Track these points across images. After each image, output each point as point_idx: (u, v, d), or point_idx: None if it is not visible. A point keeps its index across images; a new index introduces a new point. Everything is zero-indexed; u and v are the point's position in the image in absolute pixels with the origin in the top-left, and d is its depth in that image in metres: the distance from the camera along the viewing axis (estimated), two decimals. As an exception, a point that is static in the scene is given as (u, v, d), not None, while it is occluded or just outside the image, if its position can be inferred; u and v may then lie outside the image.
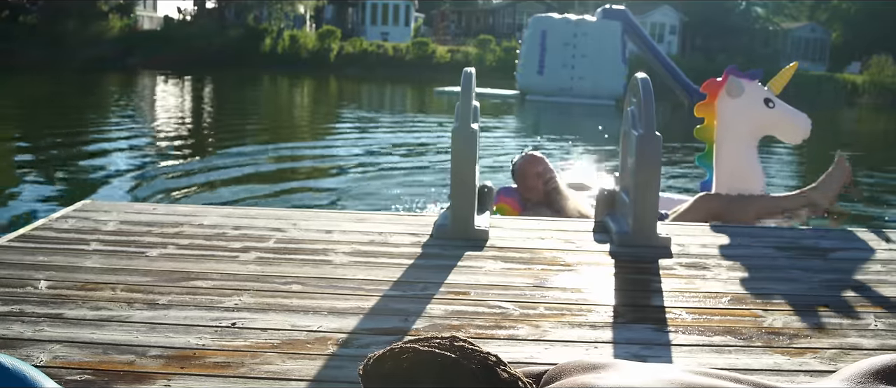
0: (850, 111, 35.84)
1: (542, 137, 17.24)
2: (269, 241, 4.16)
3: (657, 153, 4.26)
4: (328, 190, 9.97)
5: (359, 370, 1.64)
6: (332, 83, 36.46)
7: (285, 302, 3.20)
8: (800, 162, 14.89)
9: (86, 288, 3.28)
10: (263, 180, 10.14)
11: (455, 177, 4.36)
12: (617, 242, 4.32)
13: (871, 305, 3.35)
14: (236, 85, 31.22)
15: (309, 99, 29.86)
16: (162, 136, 15.64)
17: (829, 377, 1.98)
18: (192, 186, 9.71)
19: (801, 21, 55.28)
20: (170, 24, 49.51)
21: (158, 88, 30.02)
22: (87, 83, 27.89)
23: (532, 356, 2.72)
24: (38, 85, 26.51)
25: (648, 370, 1.68)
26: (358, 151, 14.22)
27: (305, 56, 44.16)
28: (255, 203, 8.45)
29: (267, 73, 37.88)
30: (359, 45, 45.80)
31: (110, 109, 20.65)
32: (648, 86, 4.42)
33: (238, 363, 2.58)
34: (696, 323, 3.10)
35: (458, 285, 3.52)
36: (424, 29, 59.71)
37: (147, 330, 2.83)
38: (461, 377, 1.53)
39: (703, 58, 44.15)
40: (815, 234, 4.68)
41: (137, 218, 4.56)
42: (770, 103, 5.29)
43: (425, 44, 46.34)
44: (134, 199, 8.77)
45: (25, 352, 2.59)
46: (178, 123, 18.43)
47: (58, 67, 31.48)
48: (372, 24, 55.17)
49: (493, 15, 61.03)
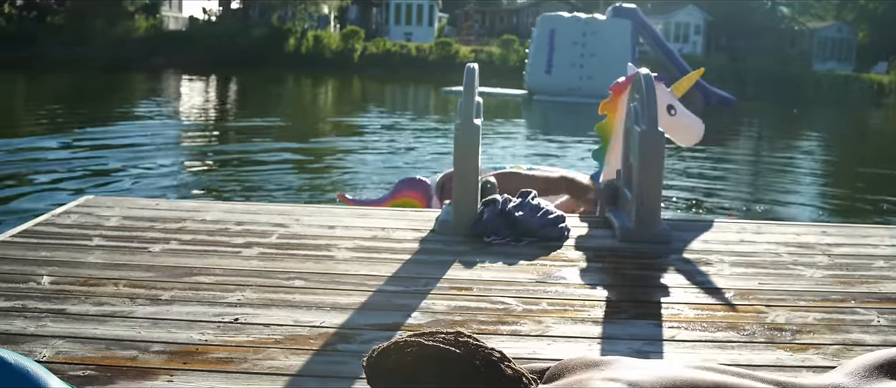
0: (877, 111, 35.55)
1: (543, 137, 17.16)
2: (272, 236, 4.16)
3: (660, 149, 4.25)
4: (336, 185, 9.98)
5: (363, 363, 1.64)
6: (355, 83, 36.51)
7: (288, 298, 3.20)
8: (825, 169, 14.77)
9: (88, 284, 3.28)
10: (276, 181, 10.11)
11: (457, 172, 4.36)
12: (619, 237, 4.32)
13: (874, 301, 3.35)
14: (259, 84, 31.39)
15: (332, 98, 29.94)
16: (179, 134, 15.72)
17: (832, 372, 1.98)
18: (210, 185, 9.70)
19: (828, 20, 54.34)
20: (195, 24, 49.91)
21: (182, 87, 30.24)
22: (112, 82, 28.06)
23: (535, 352, 2.72)
24: (61, 84, 26.72)
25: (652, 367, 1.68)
26: (374, 148, 14.29)
27: (329, 56, 44.18)
28: (270, 200, 8.49)
29: (291, 73, 37.97)
30: (382, 46, 45.77)
31: (127, 108, 20.78)
32: (651, 82, 4.42)
33: (241, 359, 2.58)
34: (699, 319, 3.10)
35: (461, 280, 3.53)
36: (448, 29, 59.53)
37: (150, 326, 2.84)
38: (465, 373, 1.53)
39: (727, 58, 43.90)
40: (817, 230, 4.67)
41: (140, 213, 4.56)
42: (672, 110, 5.28)
43: (448, 44, 46.23)
44: (161, 193, 8.80)
45: (28, 348, 2.59)
46: (196, 122, 18.57)
47: (83, 67, 31.66)
48: (396, 25, 55.03)
49: (516, 15, 60.72)
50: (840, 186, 12.11)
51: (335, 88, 33.84)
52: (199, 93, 28.60)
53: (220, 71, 35.52)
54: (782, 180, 12.43)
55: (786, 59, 44.96)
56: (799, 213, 9.55)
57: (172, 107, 22.05)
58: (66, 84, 26.54)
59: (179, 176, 10.37)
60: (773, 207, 9.87)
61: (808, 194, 11.42)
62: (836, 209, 9.90)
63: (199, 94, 28.21)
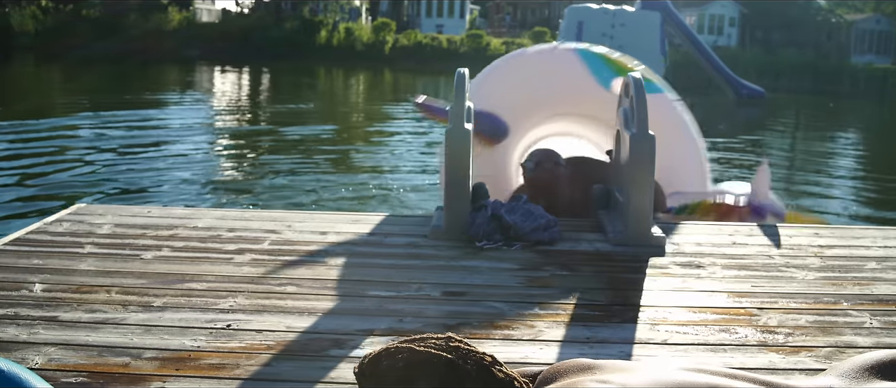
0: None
1: None
2: (264, 242, 4.15)
3: (651, 153, 4.26)
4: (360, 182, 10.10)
5: (354, 369, 1.64)
6: (386, 75, 36.61)
7: (280, 304, 3.19)
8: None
9: (81, 291, 3.28)
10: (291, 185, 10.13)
11: (449, 177, 4.36)
12: (611, 240, 4.33)
13: (867, 303, 3.36)
14: (293, 77, 31.66)
15: (364, 89, 30.19)
16: (207, 127, 16.09)
17: (824, 373, 1.99)
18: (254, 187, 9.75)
19: (866, 12, 53.48)
20: (227, 16, 50.52)
21: (215, 80, 30.75)
22: (145, 74, 28.80)
23: (527, 357, 2.72)
24: (93, 76, 27.09)
25: (645, 370, 1.68)
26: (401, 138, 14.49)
27: (360, 49, 44.43)
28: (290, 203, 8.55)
29: (322, 65, 38.25)
30: (413, 38, 45.97)
31: (160, 99, 21.26)
32: (641, 86, 4.43)
33: (233, 365, 2.58)
34: (691, 322, 3.11)
35: (453, 285, 3.53)
36: (480, 21, 59.48)
37: (142, 332, 2.83)
38: (457, 377, 1.53)
39: (763, 51, 43.49)
40: (810, 231, 4.68)
41: (132, 221, 4.55)
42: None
43: (480, 36, 46.20)
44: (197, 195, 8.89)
45: (20, 355, 2.58)
46: (227, 114, 18.91)
47: (117, 60, 32.15)
48: (427, 17, 55.06)
49: (548, 7, 60.20)
50: (873, 181, 12.01)
51: (367, 80, 34.01)
52: (233, 85, 29.04)
53: (252, 63, 36.04)
54: (814, 176, 12.34)
55: (823, 51, 44.55)
56: (827, 206, 9.49)
57: (206, 101, 22.46)
58: (99, 76, 26.94)
59: (213, 178, 10.32)
60: (801, 201, 9.80)
61: (839, 189, 11.29)
62: (868, 202, 9.83)
63: (233, 86, 28.64)
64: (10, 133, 12.88)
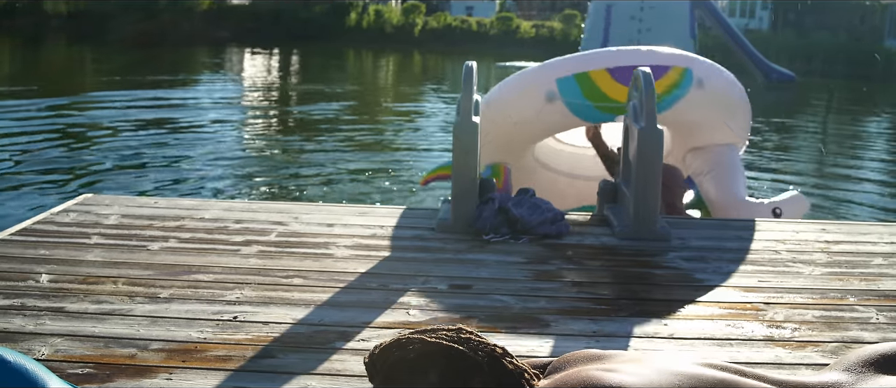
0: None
1: None
2: (271, 234, 4.15)
3: (659, 147, 4.25)
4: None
5: (365, 359, 1.64)
6: (415, 58, 36.64)
7: (287, 296, 3.20)
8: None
9: (87, 282, 3.28)
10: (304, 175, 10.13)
11: (457, 170, 4.36)
12: (618, 235, 4.32)
13: (873, 298, 3.35)
14: (323, 59, 31.81)
15: (393, 71, 30.34)
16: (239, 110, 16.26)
17: (829, 368, 1.98)
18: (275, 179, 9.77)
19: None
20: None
21: (245, 62, 30.75)
22: (177, 57, 28.99)
23: (533, 350, 2.72)
24: (124, 58, 27.15)
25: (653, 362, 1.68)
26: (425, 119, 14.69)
27: (390, 31, 44.36)
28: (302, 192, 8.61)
29: (352, 47, 38.29)
30: (443, 20, 45.93)
31: (195, 81, 21.62)
32: (650, 79, 4.41)
33: (239, 357, 2.58)
34: (697, 316, 3.10)
35: (460, 278, 3.52)
36: (509, 4, 59.23)
37: (148, 324, 2.83)
38: (468, 368, 1.53)
39: (795, 34, 42.96)
40: (816, 227, 4.67)
41: (139, 211, 4.56)
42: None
43: (509, 19, 46.07)
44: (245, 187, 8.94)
45: (27, 346, 2.59)
46: (254, 95, 19.11)
47: (148, 42, 32.21)
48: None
49: None
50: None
51: (396, 62, 34.04)
52: (263, 67, 29.08)
53: (282, 45, 36.10)
54: (845, 163, 12.20)
55: (856, 35, 44.13)
56: (855, 197, 9.43)
57: (244, 81, 22.73)
58: (130, 58, 27.10)
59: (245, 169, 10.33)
60: (829, 191, 9.72)
61: (868, 179, 11.16)
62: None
63: (263, 68, 28.69)
64: (34, 114, 13.15)
